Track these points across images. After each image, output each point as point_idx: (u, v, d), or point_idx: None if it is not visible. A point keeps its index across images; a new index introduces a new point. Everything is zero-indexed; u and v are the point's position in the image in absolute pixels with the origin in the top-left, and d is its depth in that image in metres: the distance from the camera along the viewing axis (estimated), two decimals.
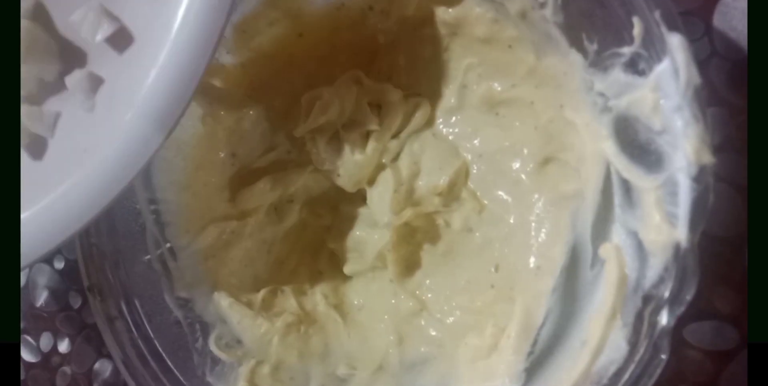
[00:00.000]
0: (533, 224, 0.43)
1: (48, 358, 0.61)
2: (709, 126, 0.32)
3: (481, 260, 0.45)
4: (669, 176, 0.32)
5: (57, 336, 0.61)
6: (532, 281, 0.42)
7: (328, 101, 0.44)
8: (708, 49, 0.47)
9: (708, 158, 0.31)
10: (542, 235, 0.42)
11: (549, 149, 0.42)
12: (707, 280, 0.33)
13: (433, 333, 0.46)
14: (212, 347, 0.46)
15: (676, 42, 0.32)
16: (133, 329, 0.45)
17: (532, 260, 0.42)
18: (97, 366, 0.60)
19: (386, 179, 0.46)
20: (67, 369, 0.61)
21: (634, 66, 0.34)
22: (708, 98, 0.32)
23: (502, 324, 0.42)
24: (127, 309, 0.45)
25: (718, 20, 0.47)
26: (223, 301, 0.46)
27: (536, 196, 0.43)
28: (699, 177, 0.31)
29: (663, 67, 0.32)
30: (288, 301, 0.48)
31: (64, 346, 0.61)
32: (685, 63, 0.32)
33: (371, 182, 0.47)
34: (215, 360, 0.46)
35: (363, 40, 0.47)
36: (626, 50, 0.34)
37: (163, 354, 0.45)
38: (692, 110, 0.31)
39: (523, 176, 0.43)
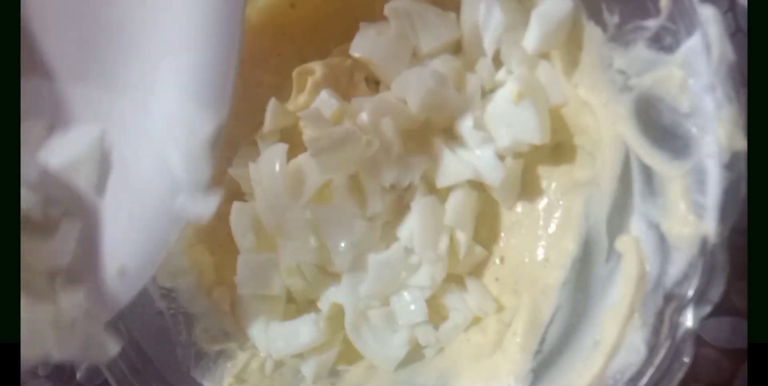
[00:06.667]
0: (542, 213, 0.40)
1: None
2: (744, 108, 0.29)
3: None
4: (697, 162, 0.30)
5: None
6: (540, 274, 0.39)
7: (321, 76, 0.41)
8: (732, 26, 0.45)
9: (742, 144, 0.29)
10: (552, 225, 0.40)
11: (562, 131, 0.39)
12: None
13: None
14: (197, 340, 0.44)
15: (708, 14, 0.30)
16: (113, 320, 0.42)
17: (540, 251, 0.40)
18: None
19: None
20: None
21: (659, 41, 0.31)
22: None
23: (507, 319, 0.40)
24: None
25: None
26: None
27: (546, 183, 0.41)
28: (731, 164, 0.29)
29: (693, 42, 0.30)
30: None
31: None
32: (718, 38, 0.30)
33: None
34: (200, 354, 0.44)
35: (360, 10, 0.44)
36: (651, 23, 0.32)
37: (144, 347, 0.43)
38: (725, 89, 0.29)
39: (533, 162, 0.41)
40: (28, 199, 0.36)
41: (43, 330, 0.35)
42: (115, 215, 0.37)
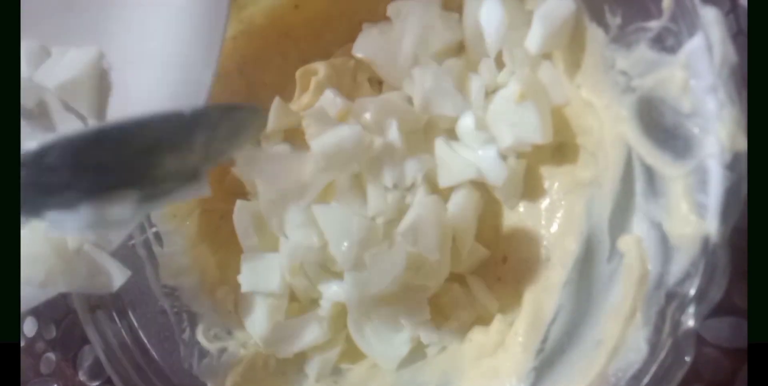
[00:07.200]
0: (544, 212, 0.40)
1: (32, 344, 0.59)
2: (746, 109, 0.29)
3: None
4: (699, 163, 0.30)
5: (41, 320, 0.59)
6: (542, 273, 0.39)
7: (324, 76, 0.41)
8: (734, 28, 0.45)
9: (743, 144, 0.29)
10: (554, 225, 0.40)
11: (564, 132, 0.39)
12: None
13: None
14: (200, 338, 0.44)
15: (710, 16, 0.30)
16: (116, 318, 0.43)
17: (542, 251, 0.40)
18: (82, 352, 0.57)
19: None
20: (51, 355, 0.59)
21: (661, 42, 0.31)
22: None
23: (509, 319, 0.40)
24: (109, 298, 0.43)
25: None
26: None
27: (548, 183, 0.41)
28: (733, 165, 0.29)
29: (695, 43, 0.30)
30: None
31: (48, 332, 0.59)
32: (720, 39, 0.29)
33: None
34: (203, 353, 0.44)
35: (363, 11, 0.44)
36: (653, 24, 0.32)
37: (148, 345, 0.43)
38: (727, 90, 0.29)
39: (535, 162, 0.41)
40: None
41: (47, 259, 0.34)
42: None
